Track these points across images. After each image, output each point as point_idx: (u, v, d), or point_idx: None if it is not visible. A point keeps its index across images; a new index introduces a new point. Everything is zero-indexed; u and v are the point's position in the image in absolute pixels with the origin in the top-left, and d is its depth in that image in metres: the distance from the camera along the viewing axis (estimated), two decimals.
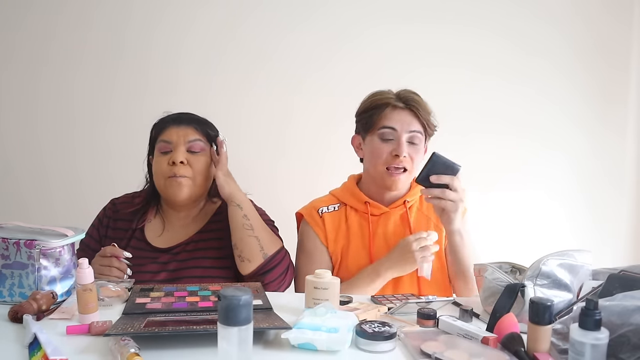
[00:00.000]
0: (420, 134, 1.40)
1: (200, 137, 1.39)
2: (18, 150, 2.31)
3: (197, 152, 1.38)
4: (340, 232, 1.46)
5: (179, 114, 1.45)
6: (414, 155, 1.40)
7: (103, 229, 1.46)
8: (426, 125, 1.40)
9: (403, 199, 1.46)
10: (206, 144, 1.41)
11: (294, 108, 2.32)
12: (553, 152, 2.42)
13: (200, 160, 1.38)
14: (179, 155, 1.35)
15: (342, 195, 1.51)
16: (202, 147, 1.39)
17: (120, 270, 1.29)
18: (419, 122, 1.39)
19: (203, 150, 1.39)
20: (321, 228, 1.46)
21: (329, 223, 1.47)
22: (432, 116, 1.42)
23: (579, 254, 1.08)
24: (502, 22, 2.35)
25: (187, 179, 1.36)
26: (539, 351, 0.86)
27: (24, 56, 2.27)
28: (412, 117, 1.39)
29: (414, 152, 1.40)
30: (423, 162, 1.32)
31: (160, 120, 1.44)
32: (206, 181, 1.41)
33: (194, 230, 1.43)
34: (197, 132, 1.39)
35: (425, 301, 1.12)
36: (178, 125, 1.39)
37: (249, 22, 2.29)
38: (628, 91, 2.43)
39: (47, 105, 2.29)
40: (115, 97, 2.27)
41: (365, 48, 2.31)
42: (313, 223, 1.47)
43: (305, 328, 0.93)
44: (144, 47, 2.27)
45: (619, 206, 2.46)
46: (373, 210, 1.46)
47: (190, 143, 1.38)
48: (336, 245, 1.46)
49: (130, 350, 0.82)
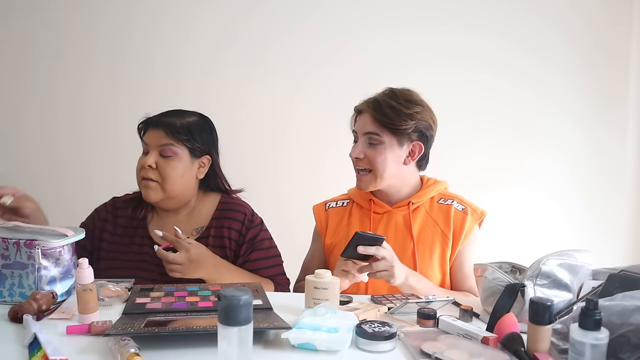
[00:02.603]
0: (378, 135, 1.38)
1: (172, 141, 1.37)
2: (19, 150, 2.31)
3: (169, 156, 1.37)
4: (340, 226, 1.50)
5: (161, 114, 1.43)
6: (374, 156, 1.38)
7: (100, 222, 1.46)
8: (387, 126, 1.37)
9: (408, 200, 1.45)
10: (181, 147, 1.38)
11: (294, 107, 2.32)
12: (553, 152, 2.42)
13: (169, 165, 1.37)
14: (148, 159, 1.36)
15: (353, 192, 1.55)
16: (174, 152, 1.37)
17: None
18: (376, 122, 1.38)
19: (175, 154, 1.37)
20: (322, 221, 1.53)
21: (332, 217, 1.52)
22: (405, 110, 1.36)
23: (579, 254, 1.08)
24: (502, 22, 2.35)
25: (154, 183, 1.37)
26: (539, 351, 0.86)
27: (26, 57, 2.27)
28: (368, 118, 1.40)
29: (373, 153, 1.38)
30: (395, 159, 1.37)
31: (142, 121, 1.44)
32: (179, 185, 1.39)
33: (193, 227, 1.43)
34: (168, 137, 1.37)
35: (425, 301, 1.12)
36: (154, 128, 1.39)
37: (250, 22, 2.29)
38: (628, 91, 2.43)
39: (50, 105, 2.30)
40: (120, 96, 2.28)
41: (366, 48, 2.32)
42: (317, 218, 1.54)
43: (305, 328, 0.93)
44: (147, 47, 2.28)
45: (618, 206, 2.46)
46: (377, 208, 1.47)
47: (161, 147, 1.37)
48: (334, 238, 1.49)
49: (130, 350, 0.82)
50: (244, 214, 1.44)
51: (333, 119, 2.20)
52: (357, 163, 1.43)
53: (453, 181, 1.55)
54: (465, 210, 1.44)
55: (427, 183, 1.48)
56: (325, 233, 1.51)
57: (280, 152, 2.34)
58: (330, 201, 1.57)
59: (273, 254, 1.46)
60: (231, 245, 1.41)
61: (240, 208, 1.46)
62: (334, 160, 2.09)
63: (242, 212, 1.45)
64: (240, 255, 1.41)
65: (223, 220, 1.43)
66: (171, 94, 2.24)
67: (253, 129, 2.32)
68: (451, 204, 1.45)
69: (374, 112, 1.39)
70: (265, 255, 1.44)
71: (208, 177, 1.46)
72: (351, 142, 1.52)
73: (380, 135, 1.38)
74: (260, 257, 1.43)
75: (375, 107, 1.39)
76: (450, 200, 1.47)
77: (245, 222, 1.43)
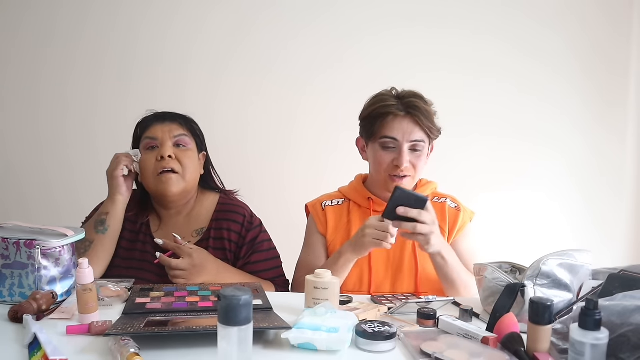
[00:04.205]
0: (423, 142, 1.38)
1: (185, 132, 1.40)
2: (18, 150, 2.31)
3: (184, 146, 1.39)
4: (340, 225, 1.49)
5: (163, 112, 1.45)
6: (417, 162, 1.39)
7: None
8: (429, 131, 1.38)
9: None
10: (191, 139, 1.41)
11: (299, 109, 2.33)
12: (553, 153, 2.43)
13: (187, 155, 1.38)
14: (167, 149, 1.36)
15: (347, 191, 1.54)
16: (188, 142, 1.40)
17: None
18: (421, 130, 1.37)
19: (189, 145, 1.40)
20: (322, 220, 1.50)
21: (331, 215, 1.50)
22: (436, 118, 1.41)
23: (579, 254, 1.08)
24: (503, 27, 2.36)
25: (176, 175, 1.36)
26: (539, 351, 0.86)
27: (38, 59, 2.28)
28: (413, 126, 1.36)
29: (416, 159, 1.39)
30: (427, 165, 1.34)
31: (144, 119, 1.44)
32: (195, 177, 1.41)
33: (193, 228, 1.43)
34: (182, 128, 1.40)
35: (425, 301, 1.12)
36: (162, 122, 1.40)
37: (257, 26, 2.30)
38: (627, 94, 2.43)
39: (60, 107, 2.30)
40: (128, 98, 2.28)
41: (370, 51, 2.33)
42: (315, 215, 1.52)
43: (305, 328, 0.93)
44: (155, 50, 2.29)
45: (618, 207, 2.47)
46: (376, 207, 1.48)
47: (176, 138, 1.38)
48: (335, 236, 1.48)
49: (130, 350, 0.82)
50: (243, 215, 1.44)
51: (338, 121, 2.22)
52: (399, 171, 1.37)
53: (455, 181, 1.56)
54: (458, 208, 1.50)
55: (421, 182, 1.52)
56: (327, 231, 1.49)
57: (286, 152, 2.34)
58: (324, 199, 1.54)
59: (273, 255, 1.46)
60: (231, 247, 1.41)
61: (239, 209, 1.45)
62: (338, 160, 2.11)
63: (242, 213, 1.44)
64: (240, 257, 1.41)
65: (222, 222, 1.43)
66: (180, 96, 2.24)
67: (259, 129, 2.33)
68: (445, 202, 1.50)
69: (421, 118, 1.35)
70: (265, 257, 1.44)
71: (204, 174, 1.47)
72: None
73: (424, 142, 1.38)
74: (261, 259, 1.43)
75: (420, 112, 1.35)
76: (443, 198, 1.51)
77: (244, 224, 1.43)
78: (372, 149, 1.44)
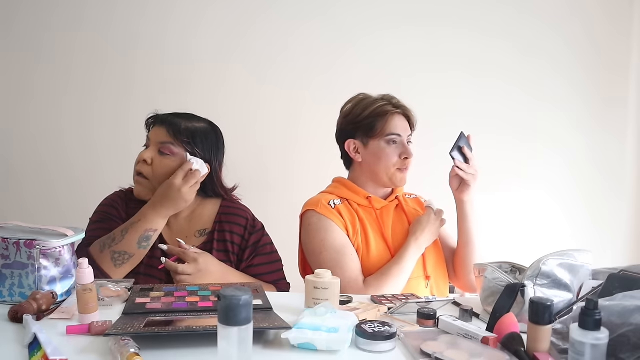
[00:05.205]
0: (411, 135, 1.55)
1: (171, 140, 1.36)
2: (18, 150, 2.31)
3: (166, 154, 1.37)
4: (355, 225, 1.48)
5: (172, 114, 1.43)
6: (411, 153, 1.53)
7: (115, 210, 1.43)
8: (414, 126, 1.55)
9: (394, 195, 1.57)
10: (178, 148, 1.36)
11: (304, 105, 2.34)
12: (553, 153, 2.43)
13: (164, 165, 1.36)
14: (146, 153, 1.37)
15: (340, 192, 1.53)
16: (172, 151, 1.36)
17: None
18: (411, 126, 1.54)
19: (173, 154, 1.36)
20: (340, 219, 1.46)
21: (345, 214, 1.47)
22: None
23: (579, 254, 1.08)
24: (503, 26, 2.36)
25: (145, 180, 1.37)
26: (539, 351, 0.86)
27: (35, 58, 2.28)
28: (406, 122, 1.52)
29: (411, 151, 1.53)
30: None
31: (153, 116, 1.44)
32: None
33: (195, 229, 1.43)
34: (169, 136, 1.37)
35: (425, 301, 1.12)
36: (159, 125, 1.40)
37: (260, 21, 2.31)
38: (627, 94, 2.43)
39: (55, 105, 2.30)
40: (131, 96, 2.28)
41: (369, 50, 2.33)
42: (331, 215, 1.45)
43: (305, 328, 0.93)
44: (158, 48, 2.29)
45: (618, 207, 2.47)
46: (375, 204, 1.52)
47: (161, 145, 1.37)
48: (355, 237, 1.46)
49: (130, 350, 0.82)
50: (246, 218, 1.45)
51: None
52: (408, 163, 1.51)
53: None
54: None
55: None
56: (347, 230, 1.45)
57: (291, 149, 2.35)
58: (327, 199, 1.50)
59: (275, 259, 1.47)
60: (234, 249, 1.41)
61: (241, 213, 1.46)
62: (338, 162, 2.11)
63: (244, 217, 1.45)
64: (243, 259, 1.42)
65: (225, 224, 1.43)
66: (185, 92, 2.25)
67: (262, 129, 2.34)
68: (417, 197, 1.67)
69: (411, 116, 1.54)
70: (267, 261, 1.44)
71: (205, 185, 1.42)
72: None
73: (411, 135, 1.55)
74: (263, 262, 1.43)
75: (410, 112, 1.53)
76: (412, 195, 1.66)
77: (247, 227, 1.44)
78: (374, 147, 1.48)
